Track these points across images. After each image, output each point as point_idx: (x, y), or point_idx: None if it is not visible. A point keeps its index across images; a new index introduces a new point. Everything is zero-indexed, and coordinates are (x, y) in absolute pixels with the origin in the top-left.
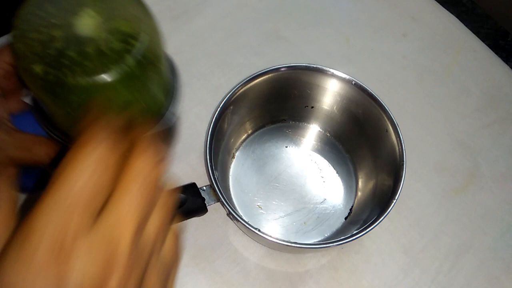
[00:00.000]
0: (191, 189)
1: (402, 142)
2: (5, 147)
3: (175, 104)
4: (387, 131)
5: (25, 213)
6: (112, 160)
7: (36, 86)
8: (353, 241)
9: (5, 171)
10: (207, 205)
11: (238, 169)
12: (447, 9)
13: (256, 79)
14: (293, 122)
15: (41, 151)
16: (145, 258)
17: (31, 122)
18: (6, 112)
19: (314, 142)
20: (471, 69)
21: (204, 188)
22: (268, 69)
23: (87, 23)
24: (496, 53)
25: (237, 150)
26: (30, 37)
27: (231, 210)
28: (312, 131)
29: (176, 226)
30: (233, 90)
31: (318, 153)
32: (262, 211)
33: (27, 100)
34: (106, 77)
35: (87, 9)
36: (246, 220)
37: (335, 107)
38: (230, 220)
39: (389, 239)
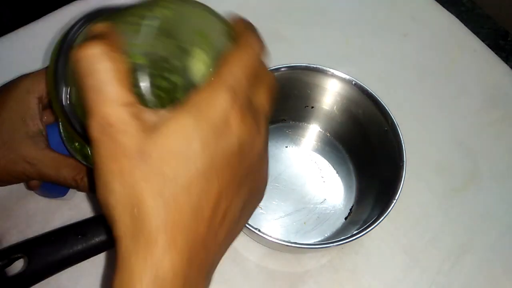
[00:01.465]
0: None
1: (402, 142)
2: (36, 164)
3: None
4: (387, 131)
5: None
6: None
7: None
8: (353, 241)
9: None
10: None
11: None
12: (447, 9)
13: None
14: (293, 122)
15: (68, 173)
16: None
17: (56, 133)
18: (44, 124)
19: (314, 142)
20: (471, 69)
21: None
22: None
23: (199, 69)
24: (496, 53)
25: None
26: (160, 86)
27: None
28: (312, 131)
29: None
30: None
31: (318, 153)
32: (262, 211)
33: None
34: None
35: (198, 50)
36: None
37: (335, 107)
38: None
39: (389, 239)
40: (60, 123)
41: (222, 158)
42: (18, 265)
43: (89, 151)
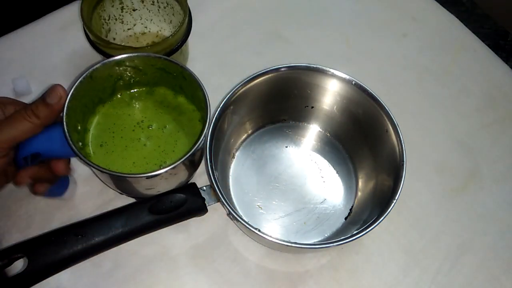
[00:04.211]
0: (191, 189)
1: (402, 142)
2: None
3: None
4: (387, 131)
5: None
6: None
7: None
8: (353, 241)
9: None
10: (207, 205)
11: (238, 169)
12: (447, 9)
13: (256, 79)
14: (293, 122)
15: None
16: None
17: (59, 134)
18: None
19: (314, 142)
20: (471, 69)
21: (204, 188)
22: (268, 69)
23: None
24: (496, 53)
25: (237, 150)
26: None
27: (231, 210)
28: (312, 131)
29: None
30: (233, 90)
31: (318, 153)
32: (262, 211)
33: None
34: None
35: None
36: (246, 220)
37: (335, 107)
38: (230, 220)
39: (389, 239)
40: (64, 122)
41: None
42: (18, 265)
43: (90, 150)
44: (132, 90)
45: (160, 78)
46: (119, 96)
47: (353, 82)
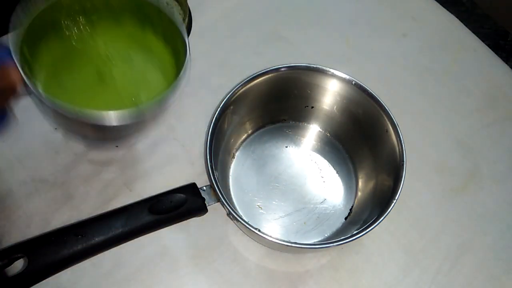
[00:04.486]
0: (191, 189)
1: (402, 142)
2: None
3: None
4: (387, 131)
5: None
6: None
7: None
8: (353, 241)
9: None
10: (207, 205)
11: (238, 169)
12: (447, 9)
13: (256, 79)
14: (293, 122)
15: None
16: None
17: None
18: None
19: (314, 142)
20: (471, 69)
21: (204, 188)
22: (268, 69)
23: None
24: (496, 53)
25: (237, 150)
26: None
27: (231, 210)
28: (312, 131)
29: None
30: (233, 90)
31: (318, 153)
32: (262, 211)
33: None
34: None
35: None
36: (246, 220)
37: (335, 107)
38: (230, 220)
39: (389, 239)
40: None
41: None
42: (18, 265)
43: (40, 88)
44: (96, 22)
45: (130, 11)
46: (79, 27)
47: (353, 82)
